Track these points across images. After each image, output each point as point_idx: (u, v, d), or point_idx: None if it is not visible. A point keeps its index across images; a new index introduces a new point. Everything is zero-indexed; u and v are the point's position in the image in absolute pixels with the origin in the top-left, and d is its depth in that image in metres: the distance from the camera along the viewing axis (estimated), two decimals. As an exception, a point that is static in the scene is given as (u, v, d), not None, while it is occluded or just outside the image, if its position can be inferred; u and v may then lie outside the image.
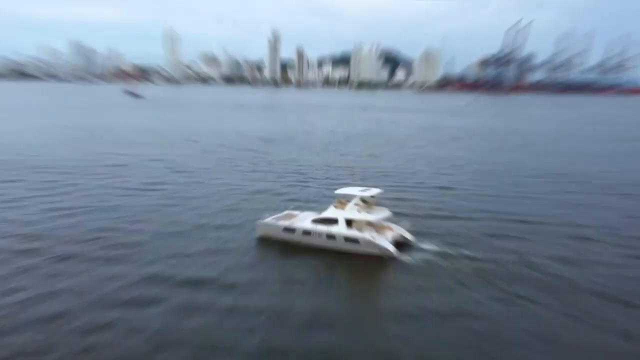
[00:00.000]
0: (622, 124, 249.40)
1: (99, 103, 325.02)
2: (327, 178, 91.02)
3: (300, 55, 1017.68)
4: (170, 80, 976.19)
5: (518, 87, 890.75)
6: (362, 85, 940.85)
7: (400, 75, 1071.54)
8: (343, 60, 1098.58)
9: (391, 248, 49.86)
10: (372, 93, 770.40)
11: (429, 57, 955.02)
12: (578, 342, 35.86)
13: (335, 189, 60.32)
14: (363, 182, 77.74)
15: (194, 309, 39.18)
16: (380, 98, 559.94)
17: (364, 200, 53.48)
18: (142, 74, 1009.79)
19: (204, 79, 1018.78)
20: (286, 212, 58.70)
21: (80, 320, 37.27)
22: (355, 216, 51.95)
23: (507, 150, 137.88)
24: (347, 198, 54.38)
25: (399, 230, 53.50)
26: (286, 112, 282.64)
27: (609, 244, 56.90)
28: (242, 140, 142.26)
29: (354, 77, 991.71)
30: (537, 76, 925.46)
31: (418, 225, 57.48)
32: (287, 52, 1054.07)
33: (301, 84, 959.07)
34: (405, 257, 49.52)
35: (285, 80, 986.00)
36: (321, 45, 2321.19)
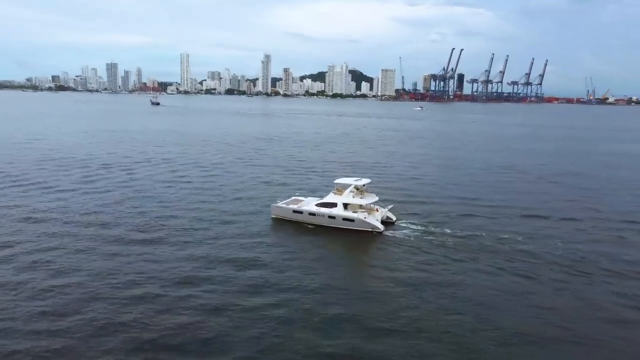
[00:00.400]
0: (536, 126, 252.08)
1: (128, 110, 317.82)
2: (323, 170, 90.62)
3: (287, 72, 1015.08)
4: (182, 92, 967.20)
5: (457, 96, 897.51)
6: (336, 95, 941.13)
7: (364, 88, 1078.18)
8: (319, 77, 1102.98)
9: (380, 226, 51.95)
10: (344, 101, 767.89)
11: (387, 74, 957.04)
12: (541, 301, 36.06)
13: (332, 179, 62.02)
14: (353, 173, 77.17)
15: (235, 280, 38.54)
16: (351, 106, 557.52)
17: (357, 188, 54.93)
18: (161, 87, 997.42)
19: (209, 91, 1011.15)
20: (293, 197, 59.80)
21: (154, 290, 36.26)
22: (351, 200, 53.70)
23: (459, 148, 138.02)
24: (344, 186, 55.43)
25: (385, 212, 55.09)
26: (278, 118, 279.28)
27: (554, 221, 57.44)
28: (247, 140, 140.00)
29: (328, 89, 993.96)
30: (471, 88, 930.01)
31: (398, 208, 58.12)
32: (276, 69, 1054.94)
33: (287, 95, 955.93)
34: (391, 233, 51.38)
35: (275, 92, 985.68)
36: (303, 65, 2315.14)
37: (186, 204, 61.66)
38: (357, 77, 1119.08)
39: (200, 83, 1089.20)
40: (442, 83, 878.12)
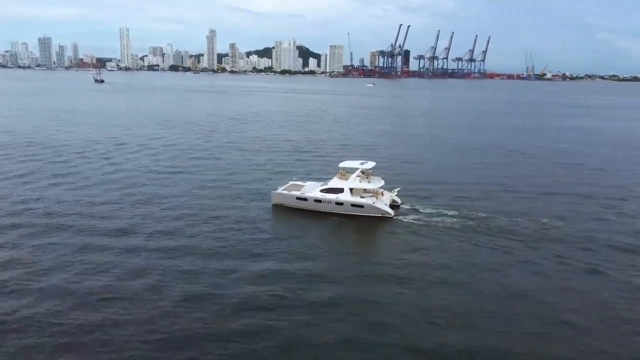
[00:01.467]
0: (492, 102, 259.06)
1: (70, 88, 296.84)
2: (315, 152, 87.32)
3: (233, 47, 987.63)
4: (122, 68, 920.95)
5: (405, 73, 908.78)
6: (284, 72, 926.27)
7: (312, 64, 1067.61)
8: (266, 52, 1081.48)
9: (390, 210, 49.92)
10: (293, 78, 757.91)
11: (335, 50, 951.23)
12: (571, 285, 35.42)
13: (326, 161, 63.05)
14: (351, 156, 74.01)
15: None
16: (303, 82, 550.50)
17: (363, 172, 52.40)
18: (99, 63, 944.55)
19: (152, 67, 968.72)
20: (291, 182, 56.07)
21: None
22: (359, 185, 51.35)
23: (433, 126, 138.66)
24: (349, 170, 53.02)
25: (392, 196, 53.09)
26: (235, 96, 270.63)
27: (557, 200, 57.57)
28: (219, 121, 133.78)
29: (276, 66, 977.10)
30: (418, 64, 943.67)
31: (401, 191, 55.22)
32: (221, 45, 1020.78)
33: (234, 71, 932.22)
34: (402, 217, 49.37)
35: (221, 68, 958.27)
36: (248, 41, 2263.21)
37: (184, 195, 56.89)
38: (304, 53, 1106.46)
39: (142, 59, 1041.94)
40: (389, 59, 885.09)
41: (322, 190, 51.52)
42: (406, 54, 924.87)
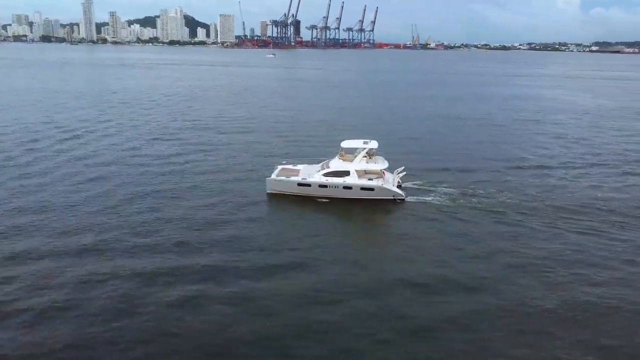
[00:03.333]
0: (405, 73, 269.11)
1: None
2: (290, 131, 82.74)
3: (113, 16, 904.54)
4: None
5: (299, 43, 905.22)
6: (173, 42, 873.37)
7: (201, 34, 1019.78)
8: (148, 22, 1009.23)
9: (401, 192, 47.33)
10: (185, 49, 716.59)
11: (226, 20, 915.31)
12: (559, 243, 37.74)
13: (308, 142, 63.07)
14: (317, 135, 73.64)
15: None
16: (199, 54, 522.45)
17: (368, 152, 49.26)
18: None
19: (18, 38, 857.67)
20: (280, 167, 50.48)
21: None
22: (365, 167, 48.05)
23: (377, 97, 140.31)
24: (350, 150, 49.62)
25: (396, 177, 50.33)
26: (145, 69, 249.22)
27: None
28: (159, 98, 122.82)
29: (162, 36, 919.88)
30: (310, 34, 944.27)
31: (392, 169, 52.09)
32: (99, 14, 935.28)
33: (117, 42, 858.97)
34: (414, 199, 47.31)
35: (102, 39, 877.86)
36: (127, 9, 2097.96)
37: (162, 185, 50.12)
38: (190, 22, 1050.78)
39: (5, 29, 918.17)
40: (283, 30, 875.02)
41: (325, 174, 47.35)
42: (297, 24, 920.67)
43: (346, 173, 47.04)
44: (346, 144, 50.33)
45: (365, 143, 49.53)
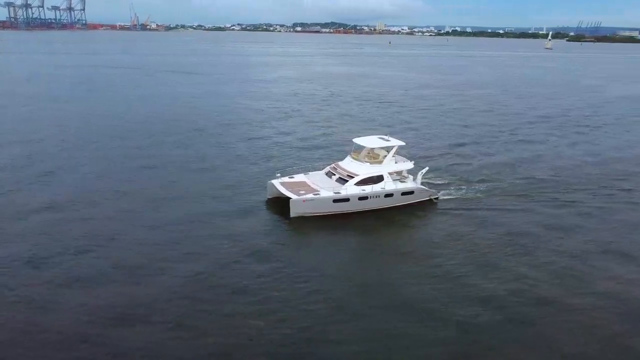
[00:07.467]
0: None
1: None
2: (253, 129, 75.17)
3: None
4: None
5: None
6: None
7: None
8: None
9: (434, 191, 44.49)
10: None
11: None
12: (572, 231, 39.63)
13: (282, 142, 60.63)
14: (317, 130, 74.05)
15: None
16: None
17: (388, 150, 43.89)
18: None
19: None
20: (279, 181, 41.62)
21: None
22: (395, 168, 43.07)
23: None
24: (358, 148, 45.23)
25: (419, 176, 44.70)
26: None
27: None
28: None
29: None
30: (7, 13, 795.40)
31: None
32: None
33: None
34: (447, 196, 44.72)
35: None
36: None
37: (169, 197, 44.98)
38: None
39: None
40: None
41: (357, 183, 40.27)
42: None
43: (380, 178, 41.21)
44: (363, 141, 43.51)
45: (380, 138, 44.09)
